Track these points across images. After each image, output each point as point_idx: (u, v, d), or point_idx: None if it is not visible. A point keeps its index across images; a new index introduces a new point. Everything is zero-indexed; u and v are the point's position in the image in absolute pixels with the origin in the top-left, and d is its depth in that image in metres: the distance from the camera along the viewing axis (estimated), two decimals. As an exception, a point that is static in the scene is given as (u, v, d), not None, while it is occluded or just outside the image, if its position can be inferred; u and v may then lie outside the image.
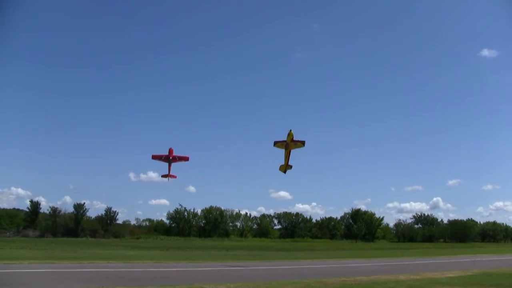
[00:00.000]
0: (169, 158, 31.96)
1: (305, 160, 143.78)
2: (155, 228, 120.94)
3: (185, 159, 32.55)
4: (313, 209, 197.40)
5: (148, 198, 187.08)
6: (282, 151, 27.15)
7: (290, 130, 26.08)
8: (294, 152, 26.78)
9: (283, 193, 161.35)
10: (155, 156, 32.10)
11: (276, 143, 26.94)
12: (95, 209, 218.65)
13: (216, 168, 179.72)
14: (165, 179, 33.03)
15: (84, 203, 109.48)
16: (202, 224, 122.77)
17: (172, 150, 32.28)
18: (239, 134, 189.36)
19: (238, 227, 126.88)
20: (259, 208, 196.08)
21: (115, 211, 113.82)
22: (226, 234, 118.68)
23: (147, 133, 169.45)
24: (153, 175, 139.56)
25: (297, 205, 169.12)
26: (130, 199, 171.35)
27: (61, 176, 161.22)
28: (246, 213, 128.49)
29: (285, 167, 26.92)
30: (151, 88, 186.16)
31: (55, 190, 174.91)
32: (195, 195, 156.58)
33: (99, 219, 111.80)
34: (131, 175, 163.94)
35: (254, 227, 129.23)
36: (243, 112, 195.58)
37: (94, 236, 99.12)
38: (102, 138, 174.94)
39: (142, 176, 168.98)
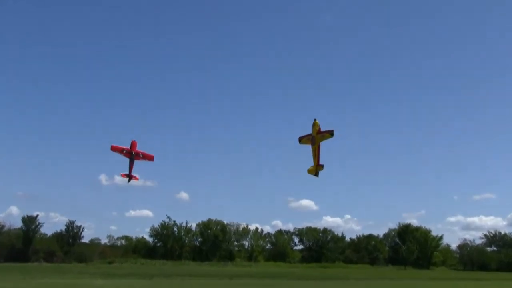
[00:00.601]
0: (131, 153, 32.41)
1: (335, 160, 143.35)
2: (134, 249, 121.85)
3: (150, 157, 33.89)
4: (347, 224, 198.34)
5: (125, 208, 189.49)
6: (306, 148, 27.66)
7: (315, 120, 26.88)
8: (321, 150, 27.03)
9: (306, 202, 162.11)
10: (115, 147, 33.01)
11: (301, 139, 27.95)
12: (52, 223, 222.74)
13: (217, 170, 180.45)
14: (136, 179, 34.49)
15: (37, 215, 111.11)
16: (197, 243, 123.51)
17: (136, 143, 33.10)
18: (248, 127, 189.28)
19: (246, 247, 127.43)
20: (274, 222, 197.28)
21: (80, 226, 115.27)
22: (229, 257, 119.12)
23: (128, 129, 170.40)
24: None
25: (325, 218, 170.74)
26: (101, 210, 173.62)
27: (5, 179, 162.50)
28: (257, 229, 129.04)
29: (316, 168, 27.45)
30: (129, 72, 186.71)
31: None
32: (188, 204, 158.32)
33: (58, 237, 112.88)
34: (102, 178, 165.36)
35: (267, 247, 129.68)
36: (252, 102, 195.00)
37: (50, 260, 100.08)
38: (63, 130, 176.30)
39: (117, 179, 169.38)
